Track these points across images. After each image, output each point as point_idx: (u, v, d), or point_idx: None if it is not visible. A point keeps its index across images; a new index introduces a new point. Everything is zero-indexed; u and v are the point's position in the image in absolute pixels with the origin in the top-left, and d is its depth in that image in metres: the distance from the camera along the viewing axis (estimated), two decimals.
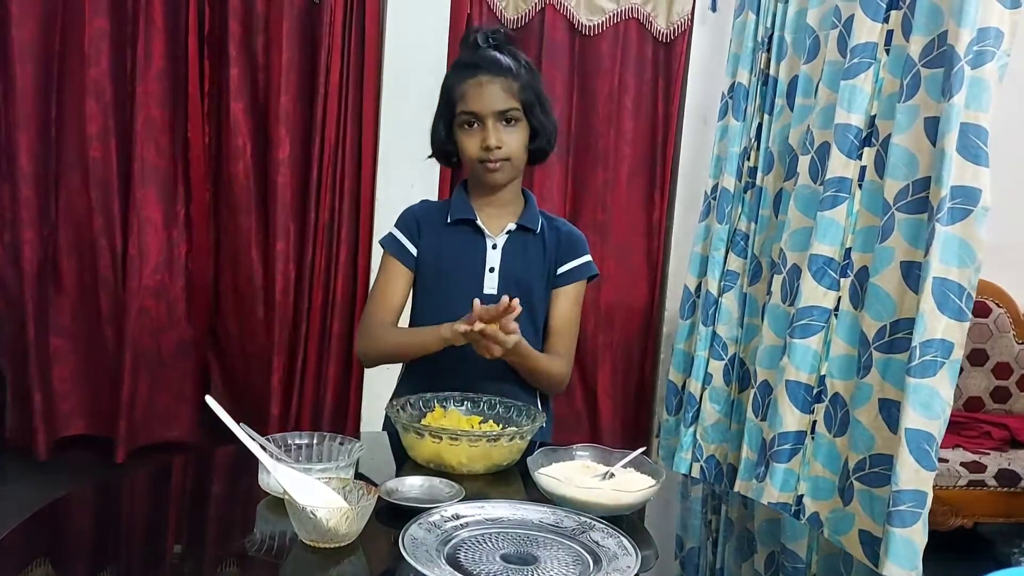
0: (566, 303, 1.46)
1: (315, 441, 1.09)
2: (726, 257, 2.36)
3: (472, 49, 1.40)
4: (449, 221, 1.43)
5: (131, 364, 2.65)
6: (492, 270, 1.41)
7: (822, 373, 1.87)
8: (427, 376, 1.40)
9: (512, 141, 1.37)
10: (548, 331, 1.46)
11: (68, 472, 2.64)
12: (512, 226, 1.43)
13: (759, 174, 2.27)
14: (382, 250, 1.48)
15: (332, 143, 2.65)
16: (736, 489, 2.05)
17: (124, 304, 2.63)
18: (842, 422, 1.80)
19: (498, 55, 1.38)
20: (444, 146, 1.43)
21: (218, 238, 2.74)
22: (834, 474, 1.82)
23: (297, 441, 1.08)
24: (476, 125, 1.36)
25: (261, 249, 2.71)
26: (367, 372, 2.71)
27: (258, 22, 2.63)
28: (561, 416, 2.99)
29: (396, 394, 1.44)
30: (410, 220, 1.46)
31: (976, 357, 2.86)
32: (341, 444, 1.09)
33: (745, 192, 2.33)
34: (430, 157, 1.48)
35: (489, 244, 1.42)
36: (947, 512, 2.37)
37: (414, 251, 1.44)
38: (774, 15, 2.26)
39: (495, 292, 1.40)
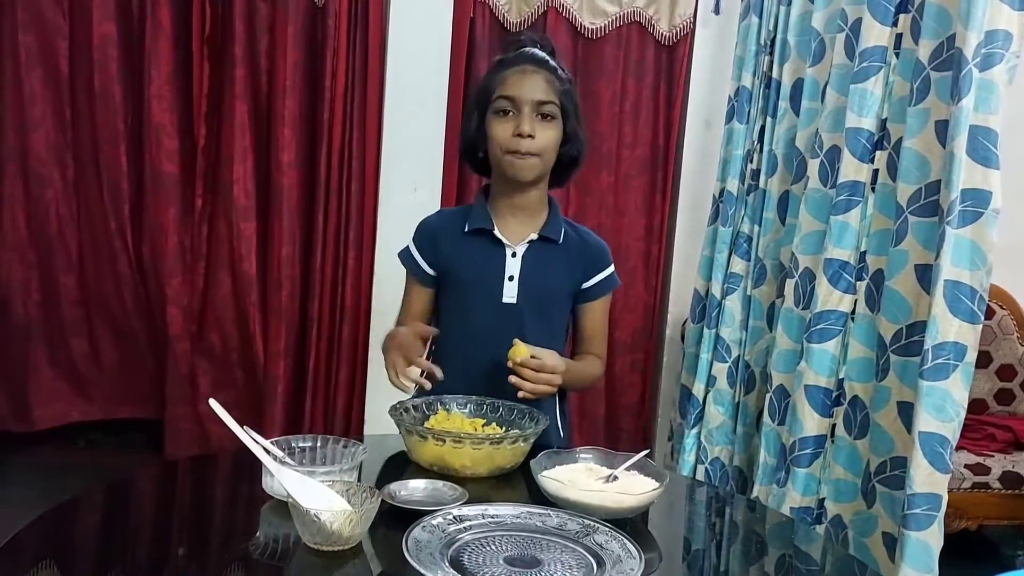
0: (597, 313, 1.47)
1: (318, 444, 1.09)
2: (729, 259, 2.36)
3: (516, 49, 1.40)
4: (467, 230, 1.41)
5: (134, 365, 2.66)
6: (512, 279, 1.39)
7: (840, 376, 1.87)
8: (452, 381, 1.39)
9: (545, 136, 1.34)
10: (581, 338, 1.48)
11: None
12: (534, 236, 1.40)
13: (762, 177, 2.27)
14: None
15: (338, 146, 2.65)
16: (755, 495, 2.05)
17: (135, 307, 2.65)
18: (862, 424, 1.80)
19: (544, 55, 1.39)
20: (473, 138, 1.40)
21: (222, 241, 2.74)
22: (856, 476, 1.81)
23: (300, 444, 1.08)
24: (511, 113, 1.34)
25: (266, 253, 2.71)
26: (370, 375, 2.71)
27: (263, 25, 2.64)
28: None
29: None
30: (425, 234, 1.45)
31: (980, 359, 2.81)
32: (344, 447, 1.09)
33: (748, 195, 2.33)
34: (461, 157, 1.47)
35: (508, 253, 1.40)
36: (951, 514, 2.36)
37: (429, 270, 1.43)
38: (776, 18, 2.26)
39: (514, 301, 1.39)
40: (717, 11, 2.86)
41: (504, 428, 1.24)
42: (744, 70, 2.37)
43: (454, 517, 0.93)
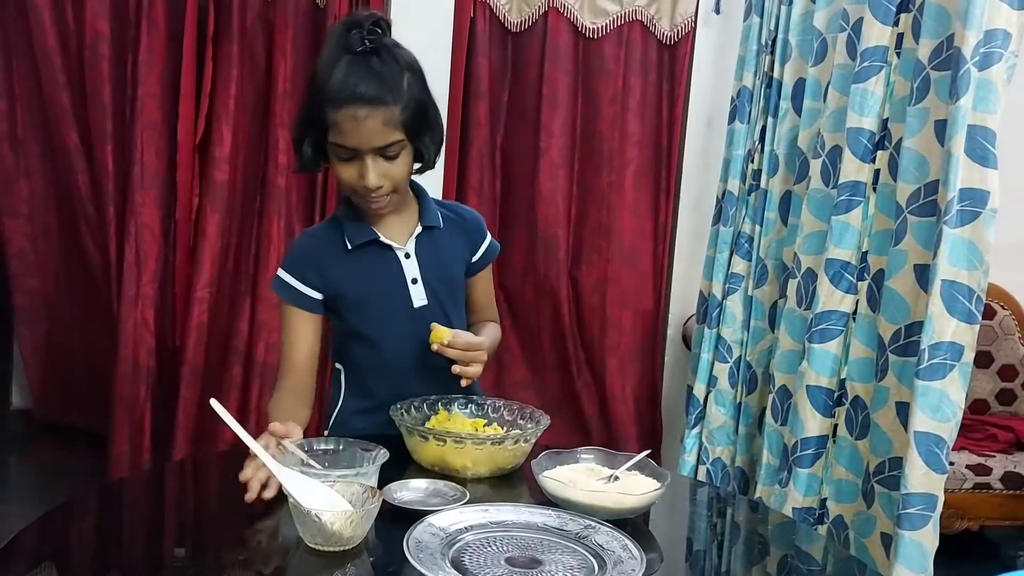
0: (484, 282, 1.47)
1: (340, 447, 1.08)
2: (730, 260, 2.36)
3: (347, 51, 1.17)
4: (350, 247, 1.32)
5: (127, 368, 2.66)
6: (415, 281, 1.34)
7: (842, 377, 1.87)
8: (365, 380, 1.38)
9: (395, 173, 1.23)
10: (476, 308, 1.47)
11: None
12: (418, 229, 1.34)
13: (764, 177, 2.26)
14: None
15: None
16: (758, 495, 2.05)
17: (121, 309, 2.65)
18: (863, 425, 1.80)
19: (377, 74, 1.17)
20: (313, 164, 1.27)
21: (215, 239, 2.73)
22: (857, 476, 1.82)
23: (322, 447, 1.08)
24: (353, 158, 1.20)
25: (260, 252, 2.71)
26: None
27: (262, 25, 2.63)
28: (569, 420, 2.99)
29: (343, 403, 1.41)
30: (302, 260, 1.34)
31: (981, 359, 2.84)
32: (364, 450, 1.08)
33: (749, 195, 2.33)
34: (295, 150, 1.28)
35: (401, 256, 1.33)
36: (953, 515, 2.36)
37: (315, 295, 1.32)
38: (777, 18, 2.26)
39: (426, 302, 1.34)
40: (718, 10, 2.86)
41: (505, 428, 1.24)
42: (745, 70, 2.37)
43: (455, 518, 0.93)
